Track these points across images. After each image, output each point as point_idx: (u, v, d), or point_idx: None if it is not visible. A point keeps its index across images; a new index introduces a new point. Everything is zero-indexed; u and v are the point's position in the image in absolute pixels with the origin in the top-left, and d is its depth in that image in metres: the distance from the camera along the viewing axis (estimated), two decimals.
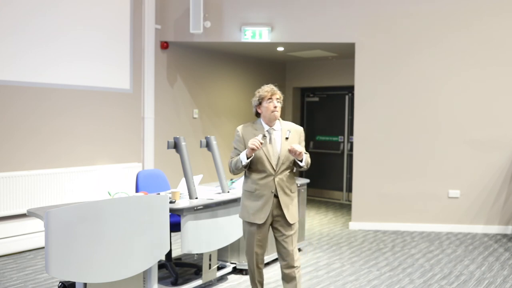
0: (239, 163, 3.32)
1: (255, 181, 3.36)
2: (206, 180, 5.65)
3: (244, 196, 3.46)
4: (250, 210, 3.38)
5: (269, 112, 3.39)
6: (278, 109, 3.41)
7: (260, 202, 3.35)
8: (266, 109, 3.40)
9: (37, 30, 5.32)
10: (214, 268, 4.22)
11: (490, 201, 6.37)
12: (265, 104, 3.40)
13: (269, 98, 3.41)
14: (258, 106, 3.44)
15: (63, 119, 5.60)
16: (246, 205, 3.41)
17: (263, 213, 3.35)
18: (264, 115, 3.42)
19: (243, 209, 3.45)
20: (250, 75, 8.54)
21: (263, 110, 3.42)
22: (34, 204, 5.17)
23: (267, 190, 3.34)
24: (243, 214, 3.45)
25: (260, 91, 3.46)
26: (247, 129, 3.42)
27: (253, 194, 3.37)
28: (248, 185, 3.41)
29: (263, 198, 3.34)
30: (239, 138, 3.43)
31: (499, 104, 6.29)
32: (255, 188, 3.36)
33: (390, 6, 6.41)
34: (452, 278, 4.54)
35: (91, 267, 2.95)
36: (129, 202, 3.20)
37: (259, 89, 3.49)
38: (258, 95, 3.44)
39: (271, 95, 3.43)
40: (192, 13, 6.31)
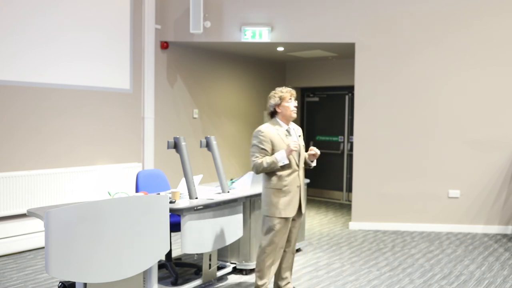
0: (274, 164, 3.51)
1: (283, 177, 3.58)
2: (206, 180, 5.65)
3: (271, 194, 3.60)
4: (280, 206, 3.58)
5: (289, 111, 3.64)
6: (295, 109, 3.68)
7: (289, 197, 3.60)
8: (286, 109, 3.64)
9: (37, 30, 5.32)
10: (214, 268, 4.23)
11: (490, 201, 6.38)
12: (286, 104, 3.64)
13: (289, 98, 3.65)
14: (278, 106, 3.64)
15: (63, 119, 5.61)
16: (276, 202, 3.58)
17: (293, 206, 3.63)
18: (284, 115, 3.66)
19: (272, 206, 3.59)
20: (250, 75, 8.54)
21: (282, 110, 3.65)
22: (34, 204, 5.17)
23: (294, 185, 3.62)
24: (272, 211, 3.60)
25: (279, 92, 3.66)
26: (270, 129, 3.62)
27: (282, 190, 3.58)
28: (275, 183, 3.59)
29: (291, 192, 3.60)
30: (265, 138, 3.58)
31: (499, 104, 6.29)
32: (283, 184, 3.58)
33: (390, 6, 6.41)
34: (452, 278, 4.54)
35: (91, 267, 2.95)
36: (129, 202, 3.19)
37: (276, 90, 3.69)
38: (279, 96, 3.64)
39: (290, 95, 3.67)
40: (192, 13, 6.31)
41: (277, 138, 3.59)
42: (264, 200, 3.68)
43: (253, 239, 4.53)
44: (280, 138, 3.62)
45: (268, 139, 3.57)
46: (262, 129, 3.63)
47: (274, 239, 3.63)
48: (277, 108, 3.66)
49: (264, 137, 3.58)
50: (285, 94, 3.64)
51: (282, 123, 3.68)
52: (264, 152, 3.57)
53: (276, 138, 3.59)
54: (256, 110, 8.73)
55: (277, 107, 3.66)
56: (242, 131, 8.41)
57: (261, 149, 3.58)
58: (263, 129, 3.62)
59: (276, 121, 3.69)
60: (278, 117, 3.69)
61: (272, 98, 3.67)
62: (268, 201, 3.63)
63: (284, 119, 3.67)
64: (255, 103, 8.70)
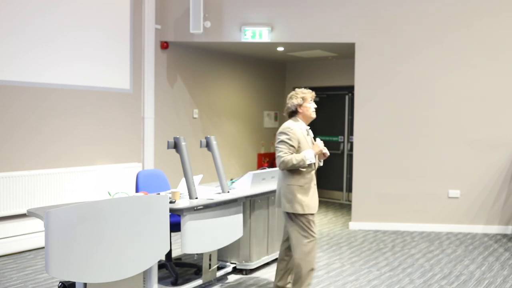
0: (303, 162, 3.57)
1: (304, 175, 3.66)
2: (206, 180, 5.65)
3: (295, 191, 3.65)
4: (304, 202, 3.64)
5: (309, 112, 3.76)
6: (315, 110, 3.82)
7: (311, 194, 3.69)
8: (308, 109, 3.75)
9: (37, 30, 5.32)
10: (214, 268, 4.23)
11: (490, 201, 6.37)
12: (307, 104, 3.75)
13: (310, 99, 3.78)
14: (300, 106, 3.73)
15: (63, 119, 5.61)
16: (300, 199, 3.64)
17: (315, 202, 3.74)
18: (305, 115, 3.76)
19: (298, 203, 3.64)
20: (250, 75, 8.54)
21: (303, 110, 3.75)
22: (34, 204, 5.17)
23: (312, 182, 3.73)
24: (298, 208, 3.64)
25: (301, 92, 3.76)
26: (296, 128, 3.68)
27: (304, 188, 3.66)
28: (297, 180, 3.66)
29: (311, 189, 3.70)
30: (294, 135, 3.64)
31: (499, 104, 6.29)
32: (305, 182, 3.66)
33: (390, 6, 6.41)
34: (452, 278, 4.54)
35: (91, 267, 2.95)
36: (129, 202, 3.19)
37: (297, 91, 3.78)
38: (301, 96, 3.75)
39: (311, 96, 3.79)
40: (192, 13, 6.31)
41: (302, 136, 3.68)
42: (286, 197, 3.68)
43: (253, 239, 4.53)
44: (304, 137, 3.70)
45: (296, 137, 3.63)
46: (290, 126, 3.68)
47: (311, 232, 3.70)
48: (299, 108, 3.74)
49: (293, 134, 3.63)
50: (307, 95, 3.75)
51: (302, 123, 3.77)
52: (293, 149, 3.62)
53: (301, 136, 3.67)
54: (256, 110, 8.73)
55: (298, 107, 3.74)
56: (242, 131, 8.41)
57: (290, 145, 3.62)
58: (291, 126, 3.67)
59: (297, 120, 3.76)
60: (298, 117, 3.77)
61: (294, 98, 3.75)
62: (291, 198, 3.65)
63: (304, 119, 3.77)
64: (255, 103, 8.70)
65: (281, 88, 9.30)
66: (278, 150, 3.63)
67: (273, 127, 9.12)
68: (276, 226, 4.87)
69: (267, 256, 4.76)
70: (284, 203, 3.70)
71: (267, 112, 8.98)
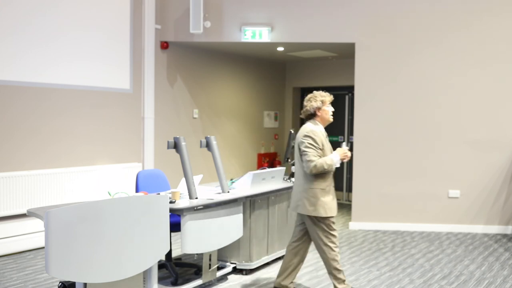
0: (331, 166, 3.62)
1: (326, 178, 3.70)
2: (206, 180, 5.65)
3: (318, 194, 3.66)
4: (327, 205, 3.67)
5: (328, 115, 3.79)
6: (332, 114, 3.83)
7: (331, 196, 3.73)
8: (326, 113, 3.78)
9: (37, 30, 5.32)
10: (214, 268, 4.23)
11: (490, 201, 6.37)
12: (326, 108, 3.77)
13: (329, 103, 3.79)
14: (319, 109, 3.75)
15: (63, 119, 5.61)
16: (323, 201, 3.66)
17: (335, 204, 3.76)
18: (323, 118, 3.79)
19: (321, 206, 3.65)
20: (250, 75, 8.54)
21: (322, 113, 3.77)
22: (34, 204, 5.17)
23: (332, 185, 3.76)
24: (321, 211, 3.66)
25: (320, 96, 3.76)
26: (318, 130, 3.71)
27: (325, 190, 3.69)
28: (320, 183, 3.68)
29: (331, 191, 3.74)
30: (318, 139, 3.65)
31: (499, 104, 6.29)
32: (326, 185, 3.70)
33: (390, 6, 6.41)
34: (452, 278, 4.54)
35: (91, 267, 2.95)
36: (129, 202, 3.19)
37: (315, 93, 3.78)
38: (320, 100, 3.75)
39: (330, 100, 3.80)
40: (192, 13, 6.31)
41: (324, 139, 3.69)
42: (308, 200, 3.68)
43: (253, 239, 4.53)
44: (324, 140, 3.72)
45: (320, 140, 3.65)
46: (313, 129, 3.69)
47: (333, 233, 3.73)
48: (318, 111, 3.76)
49: (317, 138, 3.65)
50: (326, 98, 3.76)
51: (321, 126, 3.78)
52: (320, 152, 3.63)
53: (323, 139, 3.69)
54: (256, 110, 8.73)
55: (317, 110, 3.75)
56: (242, 131, 8.41)
57: (317, 148, 3.63)
58: (315, 129, 3.68)
59: (316, 122, 3.77)
60: (317, 120, 3.78)
61: (314, 100, 3.75)
62: (314, 201, 3.66)
63: (322, 122, 3.80)
64: (255, 103, 8.70)
65: (281, 88, 9.30)
66: (307, 154, 3.61)
67: (273, 127, 9.12)
68: (276, 226, 4.87)
69: (267, 256, 4.76)
70: (306, 206, 3.69)
71: (267, 112, 8.98)
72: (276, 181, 4.92)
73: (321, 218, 3.70)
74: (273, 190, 4.75)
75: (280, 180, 5.01)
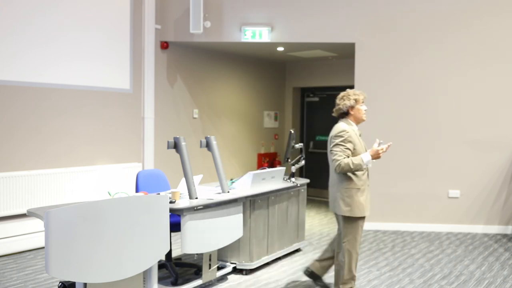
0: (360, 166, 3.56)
1: (360, 177, 3.67)
2: (206, 180, 5.64)
3: (353, 194, 3.65)
4: (361, 205, 3.65)
5: (361, 114, 3.75)
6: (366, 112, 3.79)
7: (365, 196, 3.70)
8: (359, 112, 3.74)
9: (37, 30, 5.32)
10: (214, 268, 4.23)
11: (490, 201, 6.37)
12: (359, 106, 3.73)
13: (362, 101, 3.75)
14: (352, 108, 3.71)
15: (63, 119, 5.61)
16: (359, 201, 3.64)
17: (369, 204, 3.75)
18: (356, 116, 3.74)
19: (357, 206, 3.64)
20: (250, 75, 8.54)
21: (355, 112, 3.73)
22: (34, 204, 5.17)
23: (366, 184, 3.73)
24: (357, 211, 3.65)
25: (353, 94, 3.72)
26: (351, 130, 3.67)
27: (360, 190, 3.67)
28: (354, 183, 3.66)
29: (365, 191, 3.71)
30: (349, 138, 3.62)
31: (499, 104, 6.29)
32: (361, 184, 3.68)
33: (390, 6, 6.41)
34: (452, 278, 4.54)
35: (91, 267, 2.95)
36: (129, 202, 3.19)
37: (349, 92, 3.74)
38: (354, 98, 3.71)
39: (363, 98, 3.76)
40: (192, 13, 6.31)
41: (356, 138, 3.66)
42: (343, 200, 3.66)
43: (253, 239, 4.53)
44: (358, 139, 3.69)
45: (352, 139, 3.62)
46: (345, 128, 3.65)
47: (358, 237, 3.72)
48: (351, 110, 3.73)
49: (349, 137, 3.62)
50: (359, 97, 3.72)
51: (354, 125, 3.75)
52: (348, 152, 3.60)
53: (356, 138, 3.66)
54: (256, 110, 8.73)
55: (350, 109, 3.72)
56: (242, 131, 8.41)
57: (346, 148, 3.60)
58: (347, 129, 3.65)
59: (349, 121, 3.74)
60: (349, 119, 3.75)
61: (347, 99, 3.72)
62: (349, 202, 3.64)
63: (355, 120, 3.76)
64: (255, 103, 8.70)
65: (281, 88, 9.30)
66: (334, 153, 3.59)
67: (273, 127, 9.12)
68: (276, 226, 4.87)
69: (267, 256, 4.76)
70: (342, 207, 3.67)
71: (267, 112, 8.98)
72: (276, 181, 4.92)
73: (355, 219, 3.68)
74: (273, 190, 4.75)
75: (280, 180, 5.01)
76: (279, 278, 4.47)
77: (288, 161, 5.23)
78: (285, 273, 4.62)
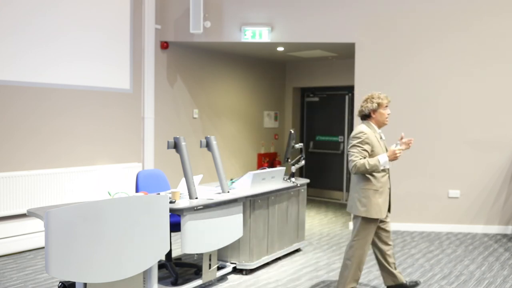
0: (376, 167, 3.54)
1: (379, 179, 3.68)
2: (206, 180, 5.65)
3: (370, 195, 3.65)
4: (379, 207, 3.67)
5: (383, 117, 3.76)
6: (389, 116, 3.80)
7: (383, 198, 3.70)
8: (382, 115, 3.75)
9: (37, 30, 5.32)
10: (214, 268, 4.23)
11: (490, 201, 6.37)
12: (382, 110, 3.74)
13: (386, 105, 3.76)
14: (374, 111, 3.72)
15: (63, 119, 5.61)
16: (375, 203, 3.65)
17: (385, 206, 3.74)
18: (378, 120, 3.75)
19: (373, 207, 3.65)
20: (250, 75, 8.54)
21: (377, 116, 3.74)
22: (34, 204, 5.17)
23: (386, 186, 3.73)
24: (371, 212, 3.65)
25: (377, 97, 3.73)
26: (370, 132, 3.68)
27: (378, 192, 3.67)
28: (372, 184, 3.66)
29: (384, 193, 3.70)
30: (367, 140, 3.62)
31: (499, 104, 6.29)
32: (380, 186, 3.67)
33: (390, 6, 6.41)
34: (452, 278, 4.54)
35: (91, 267, 2.95)
36: (129, 202, 3.19)
37: (373, 94, 3.75)
38: (376, 101, 3.71)
39: (387, 102, 3.77)
40: (192, 13, 6.31)
41: (375, 140, 3.66)
42: (360, 201, 3.68)
43: (253, 239, 4.53)
44: (377, 141, 3.70)
45: (370, 141, 3.63)
46: (364, 130, 3.66)
47: (368, 238, 3.74)
48: (373, 113, 3.74)
49: (366, 138, 3.62)
50: (383, 101, 3.73)
51: (376, 128, 3.76)
52: (364, 153, 3.60)
53: (375, 140, 3.66)
54: (256, 110, 8.73)
55: (372, 112, 3.73)
56: (242, 131, 8.41)
57: (362, 149, 3.60)
58: (365, 131, 3.66)
59: (370, 124, 3.75)
60: (371, 121, 3.76)
61: (370, 102, 3.73)
62: (366, 202, 3.66)
63: (377, 124, 3.77)
64: (255, 103, 8.70)
65: (281, 88, 9.30)
66: (350, 154, 3.61)
67: (273, 127, 9.12)
68: (276, 226, 4.87)
69: (267, 256, 4.76)
70: (358, 207, 3.69)
71: (267, 112, 8.98)
72: (276, 181, 4.92)
73: (370, 220, 3.69)
74: (273, 190, 4.75)
75: (280, 180, 5.01)
76: (279, 278, 4.47)
77: (288, 161, 5.23)
78: (285, 273, 4.62)
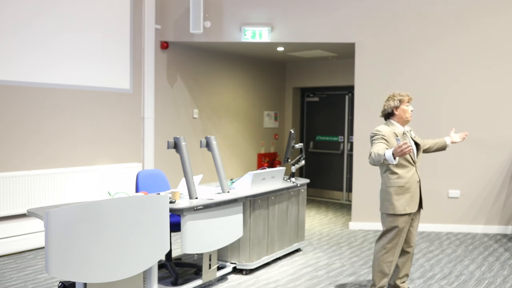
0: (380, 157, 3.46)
1: (402, 175, 3.72)
2: (206, 180, 5.65)
3: (393, 192, 3.72)
4: (404, 202, 3.71)
5: (406, 114, 3.78)
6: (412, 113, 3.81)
7: (410, 193, 3.73)
8: (404, 112, 3.77)
9: (37, 30, 5.32)
10: (214, 268, 4.23)
11: (490, 201, 6.37)
12: (404, 107, 3.77)
13: (407, 102, 3.79)
14: (396, 108, 3.77)
15: (63, 119, 5.61)
16: (398, 199, 3.70)
17: (415, 202, 3.78)
18: (401, 117, 3.78)
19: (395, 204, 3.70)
20: (250, 75, 8.54)
21: (400, 112, 3.78)
22: (34, 204, 5.17)
23: (414, 181, 3.77)
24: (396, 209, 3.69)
25: (398, 95, 3.78)
26: (387, 129, 3.73)
27: (404, 188, 3.72)
28: (396, 181, 3.72)
29: (412, 188, 3.74)
30: (383, 135, 3.66)
31: (500, 104, 6.29)
32: (405, 182, 3.72)
33: (390, 6, 6.41)
34: (452, 278, 4.54)
35: (91, 267, 2.95)
36: (129, 202, 3.20)
37: (394, 93, 3.80)
38: (398, 99, 3.78)
39: (408, 99, 3.80)
40: (192, 13, 6.31)
41: (392, 138, 3.67)
42: (385, 198, 3.75)
43: (253, 239, 4.53)
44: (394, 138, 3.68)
45: (385, 138, 3.65)
46: (379, 128, 3.73)
47: (397, 237, 3.75)
48: (395, 111, 3.78)
49: (381, 133, 3.67)
50: (404, 98, 3.77)
51: (398, 125, 3.79)
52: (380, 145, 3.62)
53: (392, 138, 3.67)
54: (256, 110, 8.73)
55: (395, 109, 3.78)
56: (242, 131, 8.41)
57: (379, 143, 3.62)
58: (380, 129, 3.72)
59: (391, 122, 3.80)
60: (394, 119, 3.80)
61: (391, 100, 3.78)
62: (389, 199, 3.72)
63: (400, 121, 3.79)
64: (255, 103, 8.70)
65: (281, 88, 9.30)
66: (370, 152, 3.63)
67: (273, 127, 9.12)
68: (276, 226, 4.87)
69: (267, 256, 4.76)
70: (385, 204, 3.77)
71: (267, 112, 8.98)
72: (276, 181, 4.92)
73: (397, 216, 3.71)
74: (273, 190, 4.75)
75: (280, 180, 5.01)
76: (279, 278, 4.48)
77: (288, 161, 5.23)
78: (285, 273, 4.62)
